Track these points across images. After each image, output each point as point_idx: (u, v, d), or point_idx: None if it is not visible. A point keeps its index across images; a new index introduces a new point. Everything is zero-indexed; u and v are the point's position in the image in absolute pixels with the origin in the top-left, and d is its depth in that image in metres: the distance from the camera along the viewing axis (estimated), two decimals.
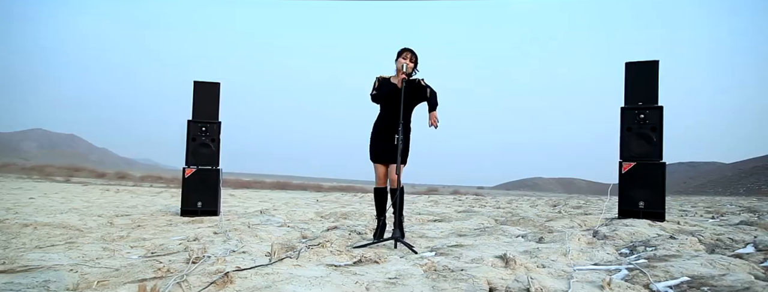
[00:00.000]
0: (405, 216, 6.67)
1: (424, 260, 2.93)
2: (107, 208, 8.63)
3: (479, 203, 19.32)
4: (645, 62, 6.07)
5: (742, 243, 3.86)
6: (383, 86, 3.84)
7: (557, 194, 79.46)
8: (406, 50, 3.83)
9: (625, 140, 6.12)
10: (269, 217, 6.48)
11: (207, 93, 6.83)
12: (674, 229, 5.48)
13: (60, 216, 5.84)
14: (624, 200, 6.07)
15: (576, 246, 3.97)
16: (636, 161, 6.00)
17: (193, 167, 6.66)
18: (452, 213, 8.00)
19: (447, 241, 3.91)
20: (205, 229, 4.88)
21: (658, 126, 5.97)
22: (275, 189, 43.66)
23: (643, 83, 6.06)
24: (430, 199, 25.50)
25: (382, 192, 3.86)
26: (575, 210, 14.22)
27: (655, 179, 5.90)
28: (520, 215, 8.04)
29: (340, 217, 7.13)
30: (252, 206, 10.56)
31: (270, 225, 5.17)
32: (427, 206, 15.18)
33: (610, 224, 5.67)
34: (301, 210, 8.31)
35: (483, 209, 9.54)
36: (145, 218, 6.24)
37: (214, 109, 6.86)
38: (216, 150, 6.82)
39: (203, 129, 6.76)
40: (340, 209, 8.74)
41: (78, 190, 23.55)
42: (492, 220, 6.76)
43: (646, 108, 6.01)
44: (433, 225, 5.81)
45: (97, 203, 11.19)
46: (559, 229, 5.47)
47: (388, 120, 3.77)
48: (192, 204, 6.65)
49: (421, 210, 9.60)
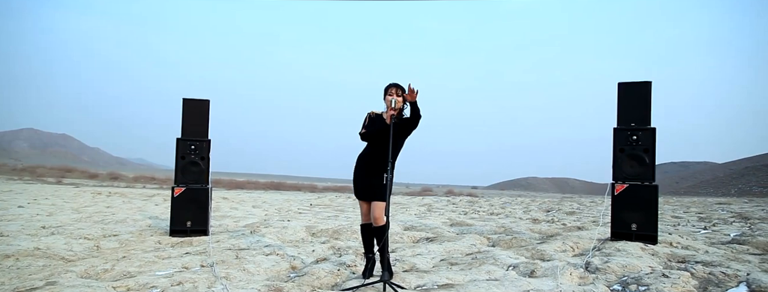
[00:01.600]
0: (396, 227, 6.62)
1: None
2: (96, 222, 8.52)
3: (473, 208, 19.32)
4: (638, 83, 6.04)
5: (735, 280, 3.83)
6: (373, 123, 3.78)
7: (551, 193, 79.71)
8: (393, 86, 3.76)
9: (618, 161, 6.09)
10: (259, 238, 6.41)
11: (196, 110, 6.75)
12: (667, 254, 5.46)
13: (45, 240, 5.74)
14: (616, 222, 6.05)
15: (568, 282, 3.94)
16: (628, 182, 5.97)
17: (183, 186, 6.58)
18: (445, 230, 7.94)
19: (437, 277, 3.85)
20: (192, 257, 4.79)
21: (651, 148, 5.95)
22: (269, 189, 43.53)
23: (635, 104, 6.03)
24: (423, 202, 25.47)
25: (368, 229, 3.81)
26: (569, 217, 14.23)
27: (647, 201, 5.88)
28: (512, 230, 8.01)
29: (332, 236, 7.06)
30: (243, 218, 10.47)
31: (259, 253, 5.09)
32: (421, 212, 15.14)
33: (602, 247, 5.65)
34: (292, 226, 8.23)
35: (476, 222, 9.49)
36: (132, 240, 6.15)
37: (203, 127, 6.78)
38: (205, 168, 6.74)
39: (192, 147, 6.68)
40: (332, 224, 8.67)
41: (69, 193, 23.40)
42: (484, 239, 6.72)
43: (638, 129, 5.98)
44: (424, 248, 5.76)
45: (87, 212, 11.06)
46: (551, 253, 5.43)
47: (375, 157, 3.71)
48: (181, 223, 6.57)
49: (413, 222, 9.54)
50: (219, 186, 44.53)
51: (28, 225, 7.64)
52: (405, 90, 3.80)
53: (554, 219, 12.57)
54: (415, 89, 3.58)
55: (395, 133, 3.60)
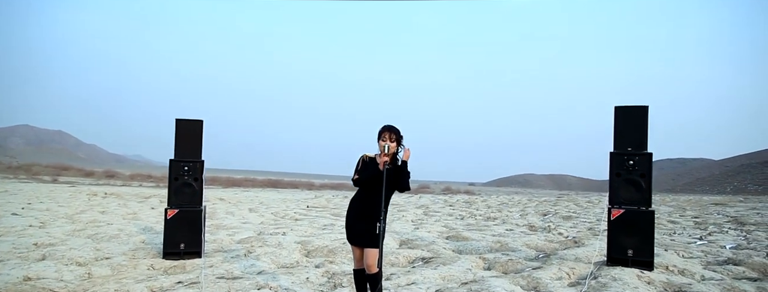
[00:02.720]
0: (392, 242, 6.60)
1: None
2: (89, 237, 8.46)
3: (470, 211, 19.32)
4: (634, 107, 6.01)
5: None
6: (366, 168, 3.72)
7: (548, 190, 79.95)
8: (386, 130, 3.69)
9: (614, 186, 6.06)
10: (253, 261, 6.37)
11: (189, 131, 6.68)
12: (662, 282, 5.44)
13: (35, 267, 5.69)
14: (613, 247, 6.03)
15: None
16: (625, 207, 5.94)
17: (176, 208, 6.52)
18: (441, 246, 7.91)
19: None
20: (184, 291, 4.75)
21: (647, 173, 5.92)
22: (266, 187, 43.57)
23: (632, 128, 5.99)
24: (420, 202, 25.48)
25: (361, 274, 3.77)
26: (565, 223, 14.23)
27: (643, 226, 5.85)
28: (508, 247, 7.99)
29: (327, 257, 7.03)
30: (238, 228, 10.42)
31: (251, 286, 5.04)
32: (417, 217, 15.12)
33: (598, 275, 5.62)
34: (287, 242, 8.19)
35: (472, 235, 9.46)
36: (125, 265, 6.10)
37: (196, 148, 6.72)
38: (199, 190, 6.68)
39: (185, 168, 6.62)
40: (327, 239, 8.63)
41: (65, 194, 23.32)
42: (480, 261, 6.69)
43: (635, 154, 5.95)
44: (419, 274, 5.72)
45: (81, 222, 10.99)
46: (547, 282, 5.41)
47: (367, 203, 3.65)
48: (175, 246, 6.52)
49: (409, 235, 9.51)
50: (216, 184, 44.51)
51: (20, 243, 7.58)
52: (399, 134, 3.74)
53: (551, 226, 12.56)
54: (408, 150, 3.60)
55: (388, 180, 3.54)
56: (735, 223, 14.73)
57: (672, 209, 21.40)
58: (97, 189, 29.10)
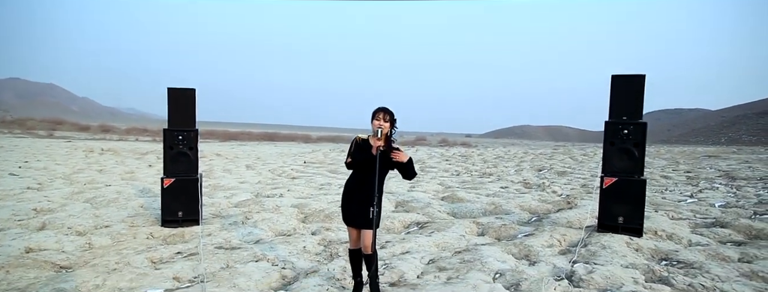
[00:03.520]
0: (387, 204, 6.71)
1: None
2: (88, 202, 8.55)
3: (466, 166, 19.49)
4: (632, 76, 5.93)
5: None
6: (359, 151, 3.70)
7: (544, 142, 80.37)
8: (380, 110, 3.64)
9: (608, 155, 6.08)
10: (251, 229, 6.48)
11: (182, 100, 6.59)
12: (650, 249, 5.58)
13: (36, 238, 5.77)
14: (604, 215, 6.13)
15: None
16: (618, 176, 5.99)
17: (172, 177, 6.55)
18: (436, 209, 8.03)
19: None
20: (183, 264, 4.85)
21: (641, 142, 5.92)
22: (263, 140, 43.67)
23: (628, 97, 5.94)
24: (417, 155, 25.64)
25: (356, 254, 3.84)
26: (560, 179, 14.42)
27: (635, 195, 5.93)
28: (502, 209, 8.12)
29: (324, 222, 7.14)
30: (235, 189, 10.52)
31: (249, 257, 5.15)
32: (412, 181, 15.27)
33: (588, 242, 5.75)
34: (284, 205, 8.31)
35: (467, 196, 9.60)
36: (124, 234, 6.19)
37: (190, 117, 6.65)
38: (194, 158, 6.68)
39: (180, 137, 6.59)
40: (324, 201, 8.74)
41: (61, 150, 23.35)
42: (474, 227, 6.81)
43: (630, 123, 5.93)
44: (414, 242, 5.84)
45: (78, 182, 11.07)
46: (538, 250, 5.53)
47: (361, 185, 3.66)
48: (173, 214, 6.60)
49: (404, 195, 9.64)
50: (213, 137, 44.58)
51: (19, 209, 7.65)
52: (393, 116, 3.70)
53: (545, 183, 12.73)
54: (403, 155, 3.59)
55: (382, 164, 3.54)
56: (726, 177, 14.95)
57: (666, 162, 21.63)
58: (94, 144, 29.13)
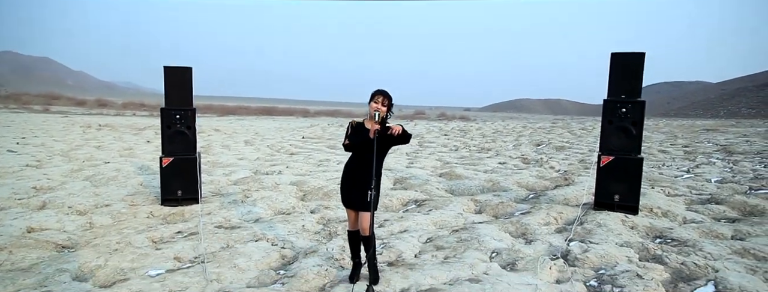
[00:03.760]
0: (386, 182, 6.77)
1: None
2: (87, 180, 8.58)
3: (464, 140, 19.52)
4: (631, 54, 5.88)
5: (705, 277, 4.00)
6: (356, 134, 3.70)
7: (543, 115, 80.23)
8: (379, 93, 3.63)
9: (606, 133, 6.09)
10: (250, 208, 6.53)
11: (178, 78, 6.55)
12: (645, 227, 5.65)
13: (37, 217, 5.82)
14: (600, 192, 6.18)
15: (547, 278, 4.11)
16: (615, 155, 6.01)
17: (170, 156, 6.55)
18: (434, 186, 8.08)
19: (421, 275, 3.99)
20: (184, 244, 4.91)
21: (639, 120, 5.93)
22: (261, 115, 43.53)
23: (627, 75, 5.91)
24: (415, 130, 25.63)
25: (355, 235, 3.88)
26: (558, 154, 14.47)
27: (632, 173, 5.96)
28: (500, 186, 8.17)
29: (322, 199, 7.20)
30: (234, 166, 10.55)
31: (249, 237, 5.20)
32: (412, 150, 15.31)
33: (585, 220, 5.82)
34: (284, 183, 8.35)
35: (465, 172, 9.64)
36: (125, 213, 6.24)
37: (187, 95, 6.61)
38: (192, 137, 6.68)
39: (177, 117, 6.57)
40: (322, 178, 8.79)
41: (58, 126, 23.30)
42: (472, 204, 6.87)
43: (628, 102, 5.92)
44: (411, 220, 5.90)
45: (77, 160, 11.08)
46: (535, 228, 5.60)
47: (360, 168, 3.68)
48: (172, 193, 6.64)
49: (403, 172, 9.68)
50: (211, 112, 44.42)
51: (19, 187, 7.69)
52: (391, 99, 3.69)
53: (543, 159, 12.78)
54: (398, 128, 3.57)
55: (379, 147, 3.55)
56: (723, 152, 15.01)
57: (664, 136, 21.67)
58: (91, 120, 29.04)
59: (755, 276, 4.05)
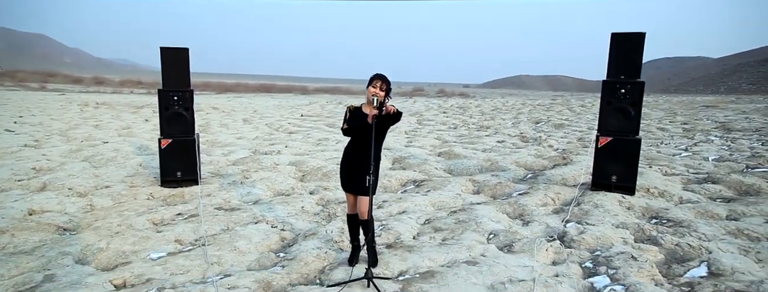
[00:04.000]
0: (384, 161, 6.75)
1: None
2: (86, 160, 8.60)
3: (463, 118, 19.50)
4: (631, 34, 5.83)
5: (698, 258, 4.06)
6: (354, 119, 3.70)
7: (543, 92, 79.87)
8: (378, 78, 3.62)
9: (604, 114, 6.09)
10: (249, 189, 6.57)
11: (175, 60, 6.49)
12: (642, 207, 5.70)
13: (37, 199, 5.85)
14: (598, 173, 6.22)
15: (543, 259, 4.17)
16: (613, 136, 6.02)
17: (169, 138, 6.55)
18: (432, 166, 8.11)
19: (419, 258, 4.05)
20: (184, 226, 4.95)
21: (638, 101, 5.91)
22: (260, 92, 43.31)
23: (627, 55, 5.87)
24: (414, 108, 25.56)
25: (354, 219, 3.92)
26: (557, 132, 14.48)
27: (629, 154, 5.98)
28: (498, 166, 8.21)
29: (321, 180, 7.23)
30: (233, 146, 10.56)
31: (249, 219, 5.25)
32: (411, 128, 15.31)
33: (582, 201, 5.86)
34: (282, 163, 8.38)
35: (464, 151, 9.67)
36: (125, 194, 6.28)
37: (184, 77, 6.57)
38: (190, 119, 6.66)
39: (175, 98, 6.54)
40: (321, 158, 8.82)
41: (55, 104, 23.21)
42: (470, 185, 6.91)
43: (627, 82, 5.90)
44: (410, 201, 5.94)
45: (76, 139, 11.08)
46: (532, 209, 5.65)
47: (358, 152, 3.70)
48: (171, 174, 6.67)
49: (401, 151, 9.70)
50: (209, 89, 44.17)
51: (18, 168, 7.71)
52: (389, 84, 3.68)
53: (542, 137, 12.79)
54: (393, 107, 3.55)
55: (377, 131, 3.56)
56: (722, 129, 15.03)
57: (663, 113, 21.65)
58: (88, 98, 28.90)
59: (747, 257, 4.11)
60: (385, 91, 3.63)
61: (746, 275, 3.71)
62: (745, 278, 3.66)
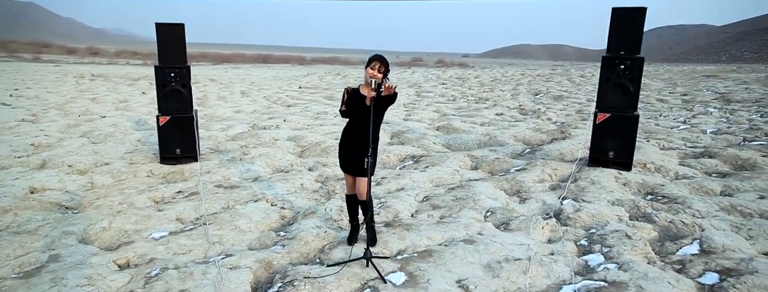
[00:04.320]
0: (383, 136, 6.77)
1: None
2: (84, 136, 8.61)
3: (462, 90, 19.41)
4: (632, 9, 5.75)
5: (690, 237, 4.13)
6: (352, 100, 3.68)
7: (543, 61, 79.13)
8: (376, 59, 3.58)
9: (603, 90, 6.07)
10: (248, 166, 6.60)
11: (171, 36, 6.42)
12: (638, 183, 5.75)
13: (38, 177, 5.89)
14: (595, 149, 6.25)
15: (539, 237, 4.25)
16: (611, 112, 6.02)
17: (167, 115, 6.54)
18: (431, 141, 8.13)
19: (417, 236, 4.12)
20: (185, 205, 5.01)
21: (637, 77, 5.89)
22: (257, 62, 42.91)
23: (627, 31, 5.81)
24: (413, 79, 25.39)
25: (353, 199, 3.97)
26: (556, 105, 14.46)
27: (627, 130, 6.00)
28: (496, 140, 8.24)
29: (320, 156, 7.27)
30: (231, 120, 10.55)
31: (249, 197, 5.31)
32: (409, 100, 15.26)
33: (579, 177, 5.91)
34: (281, 138, 8.40)
35: (463, 125, 9.68)
36: (125, 172, 6.31)
37: (181, 53, 6.51)
38: (188, 96, 6.63)
39: (172, 75, 6.49)
40: (319, 133, 8.83)
41: (51, 76, 23.02)
42: (468, 160, 6.95)
43: (627, 58, 5.86)
44: (408, 178, 5.99)
45: (73, 114, 11.05)
46: (529, 185, 5.71)
47: (357, 134, 3.71)
48: (170, 151, 6.69)
49: (400, 125, 9.71)
50: (206, 60, 43.75)
51: (17, 144, 7.73)
52: (388, 66, 3.66)
53: (541, 110, 12.78)
54: (392, 87, 3.50)
55: (376, 113, 3.55)
56: (722, 100, 15.01)
57: (663, 84, 21.55)
58: (83, 69, 28.63)
59: (739, 234, 4.18)
60: (383, 73, 3.61)
61: (736, 253, 3.79)
62: (735, 255, 3.74)
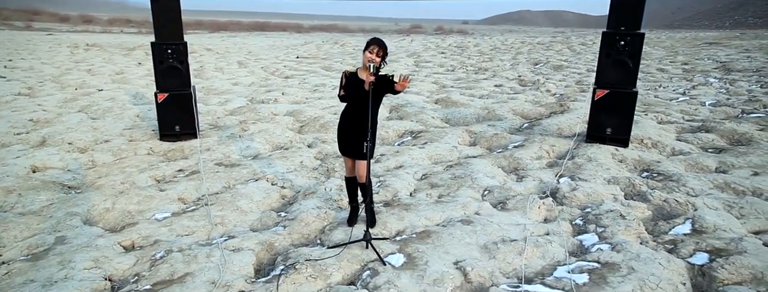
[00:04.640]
0: (381, 110, 6.78)
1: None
2: (83, 111, 8.60)
3: (461, 60, 19.24)
4: None
5: (683, 216, 4.21)
6: (351, 85, 3.67)
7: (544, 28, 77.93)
8: (374, 43, 3.55)
9: (602, 66, 6.05)
10: (248, 143, 6.63)
11: (167, 11, 6.32)
12: (634, 160, 5.81)
13: (38, 155, 5.93)
14: (593, 126, 6.28)
15: (535, 217, 4.33)
16: (610, 88, 6.01)
17: (165, 92, 6.52)
18: (429, 115, 8.14)
19: (416, 216, 4.19)
20: (186, 184, 5.07)
21: (637, 53, 5.85)
22: (254, 31, 42.27)
23: (628, 6, 5.74)
24: (411, 48, 25.14)
25: (352, 182, 4.01)
26: (555, 75, 14.38)
27: (625, 107, 6.01)
28: (495, 114, 8.25)
29: (319, 132, 7.29)
30: (229, 94, 10.52)
31: (249, 176, 5.36)
32: (408, 68, 15.15)
33: (576, 154, 5.96)
34: (280, 113, 8.41)
35: (462, 98, 9.67)
36: (125, 149, 6.34)
37: (177, 29, 6.43)
38: (185, 72, 6.59)
39: (169, 51, 6.43)
40: (319, 107, 8.83)
41: (44, 46, 22.73)
42: (467, 136, 6.98)
43: (627, 34, 5.81)
44: (407, 155, 6.04)
45: (70, 87, 10.98)
46: (527, 162, 5.77)
47: (355, 118, 3.71)
48: (170, 128, 6.71)
49: (399, 98, 9.69)
50: (202, 28, 43.04)
51: (16, 120, 7.73)
52: (386, 49, 3.63)
53: (540, 81, 12.73)
54: (408, 79, 3.48)
55: (374, 96, 3.55)
56: (723, 70, 14.90)
57: (664, 52, 21.36)
58: (77, 38, 28.22)
59: (731, 213, 4.27)
60: (381, 57, 3.59)
61: (727, 233, 3.87)
62: (725, 235, 3.82)
